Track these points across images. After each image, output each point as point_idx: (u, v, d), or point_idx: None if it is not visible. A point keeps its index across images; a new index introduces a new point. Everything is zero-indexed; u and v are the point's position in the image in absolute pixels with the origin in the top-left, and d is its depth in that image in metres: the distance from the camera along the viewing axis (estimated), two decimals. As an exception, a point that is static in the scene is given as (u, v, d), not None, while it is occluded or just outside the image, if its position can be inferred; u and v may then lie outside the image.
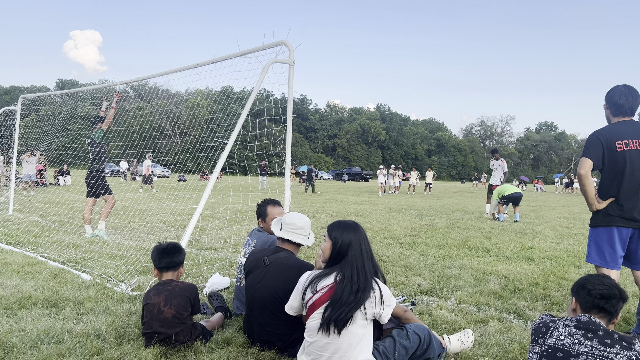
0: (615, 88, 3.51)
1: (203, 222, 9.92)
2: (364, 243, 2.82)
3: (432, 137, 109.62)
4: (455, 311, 4.34)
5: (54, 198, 14.77)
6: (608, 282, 2.33)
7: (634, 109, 3.47)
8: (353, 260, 2.76)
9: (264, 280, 3.25)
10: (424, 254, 7.23)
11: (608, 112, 3.55)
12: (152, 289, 3.34)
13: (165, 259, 3.42)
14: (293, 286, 3.01)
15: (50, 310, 3.95)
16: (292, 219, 3.42)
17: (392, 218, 12.64)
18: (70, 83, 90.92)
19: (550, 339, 2.26)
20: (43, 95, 10.74)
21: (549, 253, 7.65)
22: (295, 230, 3.40)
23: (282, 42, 5.42)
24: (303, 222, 3.42)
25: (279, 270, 3.24)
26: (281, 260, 3.30)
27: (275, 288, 3.18)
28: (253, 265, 3.40)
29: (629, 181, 3.32)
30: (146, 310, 3.25)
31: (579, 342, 2.17)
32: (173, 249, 3.47)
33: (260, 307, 3.22)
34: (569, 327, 2.25)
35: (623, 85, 3.49)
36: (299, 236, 3.40)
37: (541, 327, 2.35)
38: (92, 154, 7.86)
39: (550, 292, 5.13)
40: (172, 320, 3.21)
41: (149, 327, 3.22)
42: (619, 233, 3.38)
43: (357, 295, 2.65)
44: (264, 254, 3.41)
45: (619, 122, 3.44)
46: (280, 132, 5.73)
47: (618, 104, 3.44)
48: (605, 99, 3.56)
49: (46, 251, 6.42)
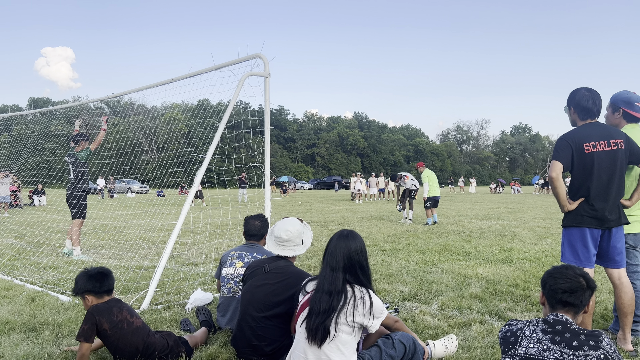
0: (579, 93, 3.58)
1: (183, 237, 9.82)
2: (342, 250, 2.83)
3: (410, 144, 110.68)
4: (438, 316, 4.38)
5: (29, 219, 14.45)
6: (572, 274, 2.28)
7: (599, 111, 3.58)
8: (327, 266, 2.83)
9: (262, 285, 3.28)
10: (406, 260, 7.28)
11: (575, 116, 3.63)
12: (105, 312, 3.15)
13: (94, 284, 3.20)
14: (289, 293, 3.15)
15: (28, 335, 3.87)
16: (279, 231, 3.42)
17: (373, 225, 12.71)
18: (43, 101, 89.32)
19: (520, 348, 2.23)
20: (15, 114, 10.55)
21: (527, 254, 7.78)
22: (282, 243, 3.41)
23: (257, 55, 5.45)
24: (289, 234, 3.40)
25: (278, 276, 3.30)
26: (280, 269, 3.35)
27: (273, 292, 3.23)
28: (251, 272, 3.43)
29: (597, 181, 3.42)
30: (117, 329, 3.15)
31: (548, 348, 2.16)
32: (99, 275, 3.23)
33: (256, 310, 3.24)
34: (536, 333, 2.23)
35: (585, 88, 3.59)
36: (286, 249, 3.41)
37: (509, 336, 2.32)
38: (76, 173, 7.64)
39: (530, 293, 5.21)
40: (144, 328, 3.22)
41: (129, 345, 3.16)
42: (591, 233, 3.47)
43: (330, 301, 2.69)
44: (263, 262, 3.45)
45: (586, 125, 3.54)
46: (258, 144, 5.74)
47: (587, 108, 3.54)
48: (571, 104, 3.63)
49: (22, 274, 6.28)
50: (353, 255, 2.83)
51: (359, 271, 2.83)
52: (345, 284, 2.77)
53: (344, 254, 2.82)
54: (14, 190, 21.09)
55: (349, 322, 2.68)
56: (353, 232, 2.95)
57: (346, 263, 2.80)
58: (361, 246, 2.89)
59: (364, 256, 2.88)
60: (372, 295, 2.78)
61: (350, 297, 2.73)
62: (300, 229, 3.47)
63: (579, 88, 3.62)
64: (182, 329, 4.01)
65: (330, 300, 2.69)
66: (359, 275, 2.83)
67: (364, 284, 2.83)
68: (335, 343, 2.67)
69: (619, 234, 3.51)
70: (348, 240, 2.87)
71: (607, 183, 3.43)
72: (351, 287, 2.78)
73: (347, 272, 2.80)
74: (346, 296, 2.72)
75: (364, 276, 2.85)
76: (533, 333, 2.24)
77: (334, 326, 2.67)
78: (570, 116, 3.69)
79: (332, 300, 2.69)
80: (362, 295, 2.76)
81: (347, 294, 2.74)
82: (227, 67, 5.68)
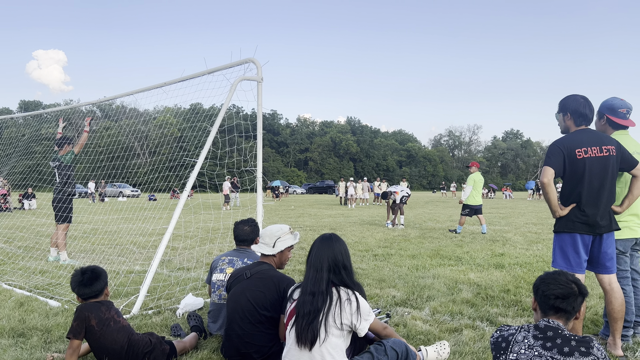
0: (575, 99, 3.59)
1: (174, 242, 9.76)
2: (324, 252, 2.87)
3: (402, 149, 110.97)
4: (429, 321, 4.38)
5: (19, 223, 14.30)
6: (564, 280, 2.28)
7: (592, 118, 3.62)
8: (310, 268, 2.87)
9: (245, 291, 3.29)
10: (398, 264, 7.28)
11: (570, 122, 3.62)
12: (94, 308, 3.20)
13: (84, 290, 3.23)
14: (273, 296, 3.19)
15: (17, 340, 3.82)
16: (263, 231, 3.54)
17: (365, 230, 12.71)
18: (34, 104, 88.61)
19: (512, 354, 2.23)
20: (6, 117, 10.46)
21: (519, 259, 7.82)
22: (262, 242, 3.51)
23: (249, 59, 5.45)
24: (265, 231, 3.51)
25: (260, 281, 3.30)
26: (262, 273, 3.35)
27: (256, 298, 3.23)
28: (235, 279, 3.44)
29: (588, 187, 3.44)
30: (104, 326, 3.18)
31: (539, 354, 2.15)
32: (89, 280, 3.24)
33: (241, 317, 3.24)
34: (528, 339, 2.23)
35: (579, 95, 3.61)
36: (258, 246, 3.54)
37: (500, 342, 2.32)
38: (62, 177, 7.57)
39: (522, 298, 5.23)
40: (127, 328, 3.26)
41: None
42: (582, 239, 3.49)
43: (314, 301, 2.72)
44: (246, 268, 3.45)
45: (578, 131, 3.56)
46: (251, 148, 5.73)
47: (584, 114, 3.55)
48: (566, 110, 3.62)
49: (11, 278, 6.21)
50: (337, 255, 2.86)
51: (343, 271, 2.86)
52: (329, 285, 2.79)
53: (327, 255, 2.85)
54: (3, 193, 20.90)
55: (337, 324, 2.70)
56: (334, 234, 3.00)
57: (330, 264, 2.83)
58: (343, 248, 2.93)
59: (347, 257, 2.92)
60: (359, 297, 2.81)
61: (336, 299, 2.75)
62: (277, 233, 3.48)
63: (573, 95, 3.64)
64: (172, 334, 3.97)
65: (314, 301, 2.72)
66: (342, 275, 2.85)
67: (349, 286, 2.85)
68: (326, 346, 2.67)
69: (610, 240, 3.53)
70: (331, 242, 2.91)
71: (598, 189, 3.45)
72: (336, 288, 2.80)
73: (330, 273, 2.82)
74: (331, 298, 2.74)
75: (348, 277, 2.87)
76: (524, 339, 2.24)
77: (324, 329, 2.67)
78: (563, 123, 3.69)
79: (315, 300, 2.72)
80: (348, 296, 2.78)
81: (332, 295, 2.75)
82: (219, 72, 5.67)
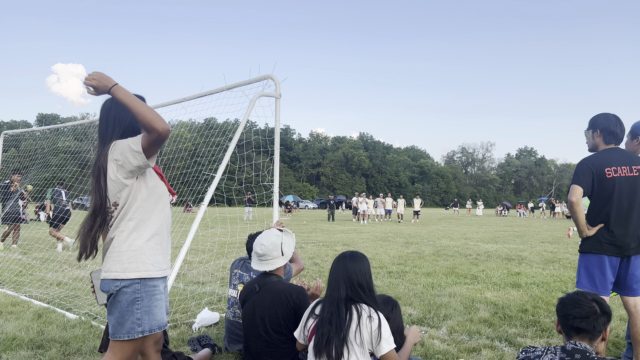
0: (607, 117, 3.55)
1: (189, 255, 9.80)
2: (341, 271, 2.80)
3: (415, 165, 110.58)
4: (447, 340, 4.33)
5: (35, 235, 14.47)
6: (584, 300, 2.25)
7: (623, 137, 3.58)
8: (328, 288, 2.82)
9: (255, 310, 3.25)
10: (413, 282, 7.23)
11: (600, 139, 3.57)
12: None
13: None
14: (283, 311, 3.12)
15: (35, 352, 3.85)
16: (255, 245, 3.43)
17: (378, 247, 12.64)
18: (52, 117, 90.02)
19: None
20: (26, 131, 10.65)
21: (535, 279, 7.71)
22: (260, 258, 3.40)
23: (268, 76, 5.51)
24: (264, 248, 3.36)
25: (268, 297, 3.25)
26: (270, 286, 3.30)
27: (269, 317, 3.19)
28: (246, 295, 3.41)
29: (617, 207, 3.39)
30: None
31: None
32: None
33: (255, 336, 3.22)
34: None
35: (611, 114, 3.56)
36: (265, 264, 3.38)
37: None
38: (68, 197, 9.20)
39: (540, 319, 5.15)
40: None
41: None
42: (610, 261, 3.42)
43: (332, 319, 2.67)
44: (254, 282, 3.41)
45: (607, 150, 3.52)
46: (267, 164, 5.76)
47: (615, 133, 3.52)
48: (597, 127, 3.57)
49: (29, 290, 6.27)
50: (352, 275, 2.77)
51: (360, 290, 2.76)
52: (348, 303, 2.72)
53: (343, 275, 2.78)
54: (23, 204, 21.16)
55: (358, 342, 2.64)
56: (355, 252, 2.89)
57: (347, 284, 2.76)
58: (359, 266, 2.81)
59: (362, 275, 2.79)
60: (381, 317, 2.72)
61: (356, 316, 2.68)
62: (277, 241, 3.41)
63: (604, 112, 3.60)
64: (191, 349, 3.98)
65: (332, 319, 2.67)
66: (361, 294, 2.76)
67: (370, 305, 2.76)
68: None
69: (638, 262, 3.46)
70: (346, 261, 2.83)
71: (627, 209, 3.40)
72: (356, 306, 2.72)
73: (348, 292, 2.75)
74: (351, 316, 2.68)
75: (366, 295, 2.77)
76: None
77: (346, 348, 2.62)
78: (592, 140, 3.63)
79: (334, 318, 2.67)
80: (370, 314, 2.70)
81: (352, 314, 2.69)
82: (238, 87, 5.74)
